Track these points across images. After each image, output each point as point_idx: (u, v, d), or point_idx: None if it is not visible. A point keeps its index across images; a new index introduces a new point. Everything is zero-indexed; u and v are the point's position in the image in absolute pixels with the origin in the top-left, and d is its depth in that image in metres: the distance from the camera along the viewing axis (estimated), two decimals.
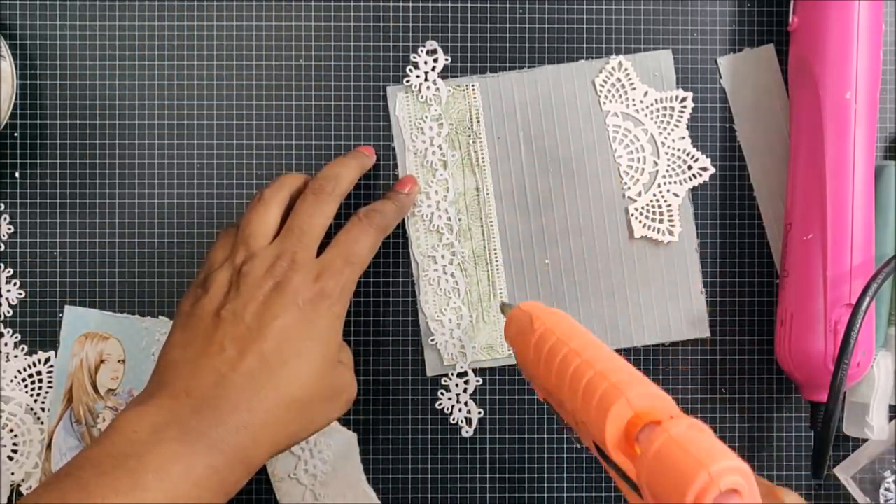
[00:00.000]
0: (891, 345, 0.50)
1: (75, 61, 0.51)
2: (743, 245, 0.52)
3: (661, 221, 0.52)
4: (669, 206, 0.52)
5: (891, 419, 0.51)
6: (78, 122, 0.51)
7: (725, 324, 0.52)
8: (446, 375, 0.52)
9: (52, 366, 0.51)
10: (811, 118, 0.48)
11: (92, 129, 0.51)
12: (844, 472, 0.52)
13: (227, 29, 0.51)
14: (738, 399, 0.52)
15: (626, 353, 0.52)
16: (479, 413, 0.52)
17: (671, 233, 0.52)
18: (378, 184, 0.52)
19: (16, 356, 0.50)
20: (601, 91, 0.51)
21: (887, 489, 0.52)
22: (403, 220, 0.51)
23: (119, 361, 0.50)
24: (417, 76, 0.51)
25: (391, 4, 0.51)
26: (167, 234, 0.51)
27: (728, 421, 0.52)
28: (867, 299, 0.44)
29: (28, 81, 0.51)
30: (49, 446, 0.50)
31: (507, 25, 0.51)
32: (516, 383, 0.52)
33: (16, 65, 0.49)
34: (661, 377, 0.52)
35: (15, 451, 0.51)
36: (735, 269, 0.52)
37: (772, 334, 0.52)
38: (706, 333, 0.52)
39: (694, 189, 0.52)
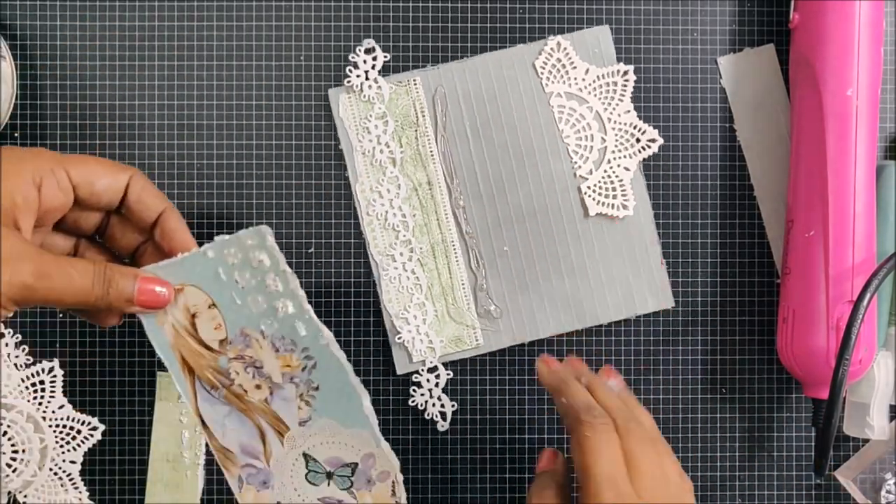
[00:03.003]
0: (891, 345, 0.50)
1: (75, 61, 0.51)
2: (743, 244, 0.52)
3: (614, 197, 0.51)
4: (621, 180, 0.51)
5: (891, 419, 0.51)
6: (78, 122, 0.51)
7: (726, 322, 0.52)
8: (417, 372, 0.51)
9: (54, 375, 0.50)
10: (812, 115, 0.48)
11: (92, 129, 0.51)
12: (845, 475, 0.52)
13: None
14: (738, 399, 0.52)
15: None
16: (453, 406, 0.52)
17: (625, 207, 0.51)
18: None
19: (17, 356, 0.50)
20: (542, 73, 0.51)
21: (888, 491, 0.52)
22: (359, 221, 0.51)
23: (210, 307, 0.42)
24: (358, 76, 0.51)
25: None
26: None
27: (729, 420, 0.52)
28: (868, 295, 0.44)
29: (28, 81, 0.51)
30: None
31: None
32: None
33: (16, 65, 0.49)
34: (661, 376, 0.52)
35: (14, 460, 0.50)
36: (735, 268, 0.52)
37: (772, 333, 0.52)
38: (670, 303, 0.52)
39: (695, 190, 0.52)
